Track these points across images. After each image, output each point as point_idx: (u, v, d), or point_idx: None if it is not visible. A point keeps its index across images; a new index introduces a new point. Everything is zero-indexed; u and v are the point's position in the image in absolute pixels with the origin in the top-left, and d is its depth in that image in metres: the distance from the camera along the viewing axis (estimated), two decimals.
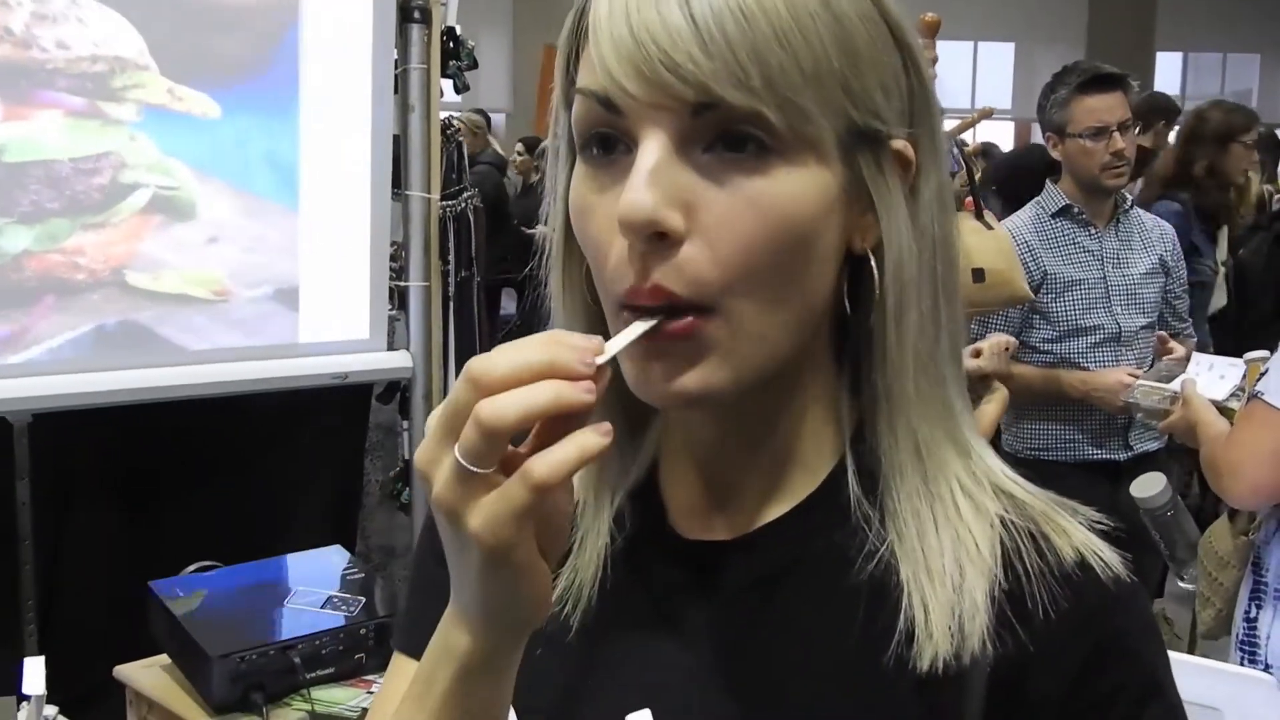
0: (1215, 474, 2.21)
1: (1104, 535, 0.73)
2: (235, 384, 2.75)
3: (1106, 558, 0.72)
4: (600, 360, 0.60)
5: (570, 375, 0.59)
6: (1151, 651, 0.73)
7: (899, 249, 0.71)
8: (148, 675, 2.25)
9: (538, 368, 0.58)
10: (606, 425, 0.59)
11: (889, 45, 0.69)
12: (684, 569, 0.77)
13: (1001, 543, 0.71)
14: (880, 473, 0.73)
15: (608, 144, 0.68)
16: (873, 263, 0.71)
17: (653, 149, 0.64)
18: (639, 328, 0.65)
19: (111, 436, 2.80)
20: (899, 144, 0.70)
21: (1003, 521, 0.72)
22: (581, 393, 0.58)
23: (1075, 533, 0.73)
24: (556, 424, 0.60)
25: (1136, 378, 2.85)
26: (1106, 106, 2.97)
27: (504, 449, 0.59)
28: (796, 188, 0.66)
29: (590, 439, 0.59)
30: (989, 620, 0.69)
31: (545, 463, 0.58)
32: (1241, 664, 2.19)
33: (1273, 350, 2.16)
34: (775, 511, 0.76)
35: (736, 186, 0.65)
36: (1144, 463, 2.97)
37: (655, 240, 0.64)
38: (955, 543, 0.71)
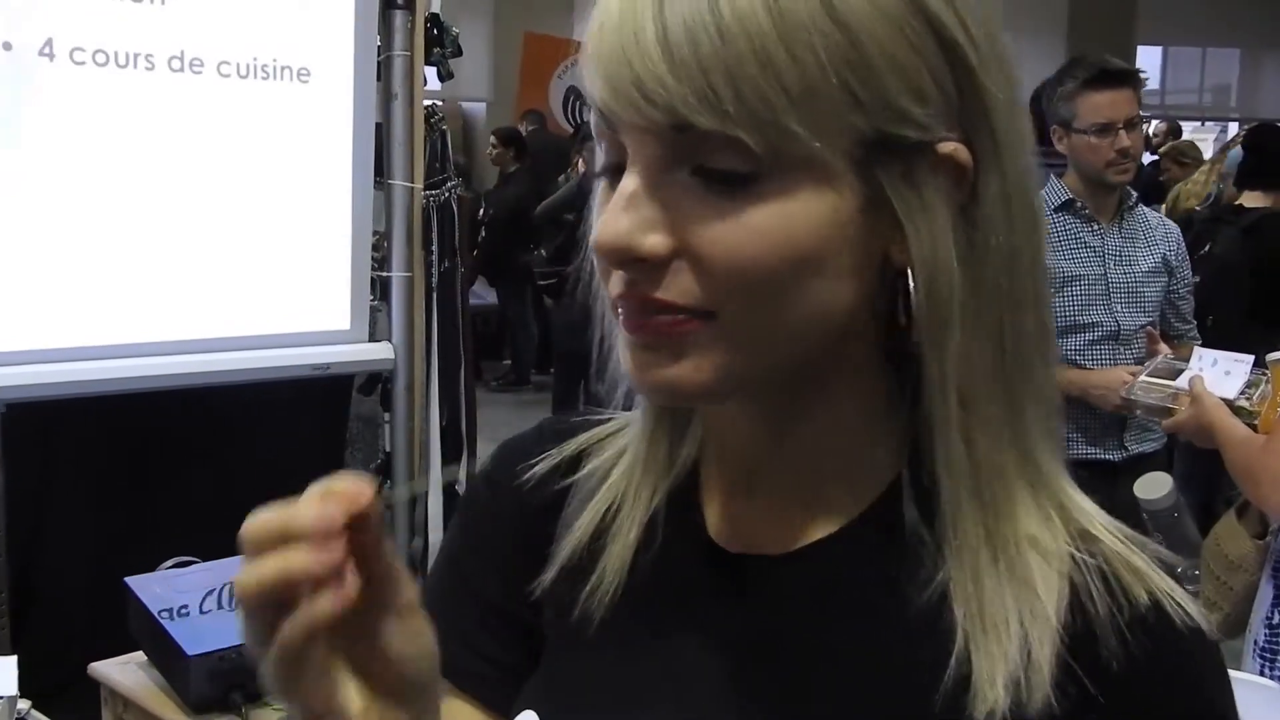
0: (1252, 482, 2.17)
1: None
2: (214, 375, 2.70)
3: (1182, 602, 0.67)
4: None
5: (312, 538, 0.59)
6: (1224, 702, 0.69)
7: (933, 264, 0.65)
8: (124, 673, 2.21)
9: (276, 534, 0.59)
10: (348, 590, 0.59)
11: (926, 43, 0.63)
12: (721, 580, 0.74)
13: (1071, 582, 0.67)
14: (937, 499, 0.68)
15: (613, 168, 0.67)
16: (910, 278, 0.66)
17: (635, 171, 0.63)
18: None
19: (88, 428, 2.76)
20: (948, 148, 0.65)
21: (1073, 559, 0.68)
22: (311, 564, 0.58)
23: (1150, 575, 0.68)
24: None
25: (1136, 375, 2.81)
26: (1114, 103, 2.93)
27: (264, 616, 0.60)
28: (791, 209, 0.62)
29: (320, 606, 0.59)
30: (1054, 670, 0.65)
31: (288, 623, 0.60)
32: (1260, 672, 2.16)
33: None
34: (821, 530, 0.72)
35: (723, 209, 0.62)
36: (1139, 464, 2.94)
37: (637, 265, 0.63)
38: (1018, 590, 0.66)
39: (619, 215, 0.63)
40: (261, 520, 0.60)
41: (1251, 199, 4.55)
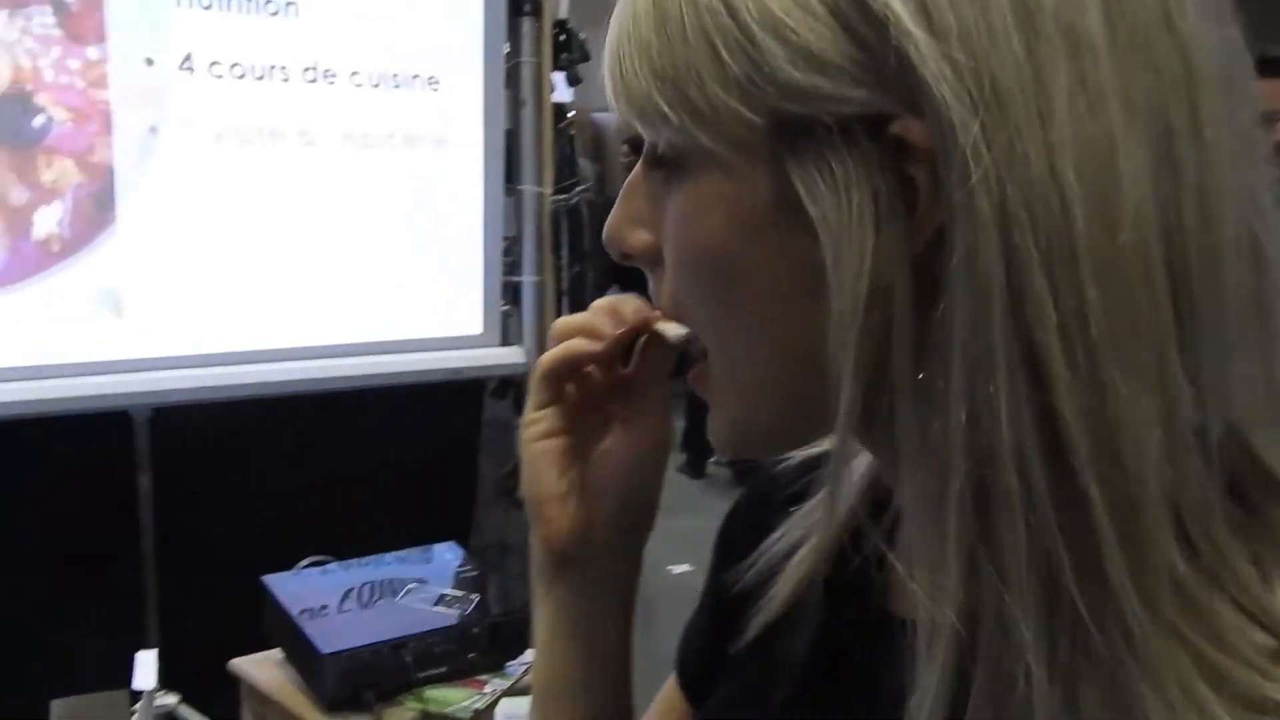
0: None
1: None
2: (350, 379, 2.76)
3: None
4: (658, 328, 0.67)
5: (595, 335, 0.69)
6: None
7: (839, 275, 0.50)
8: (262, 670, 2.25)
9: (577, 327, 0.70)
10: (602, 344, 0.68)
11: (836, 3, 0.49)
12: (862, 634, 0.65)
13: None
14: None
15: None
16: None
17: (640, 165, 0.60)
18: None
19: (227, 431, 2.83)
20: (898, 127, 0.49)
21: None
22: (588, 346, 0.69)
23: None
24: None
25: None
26: (1275, 91, 2.78)
27: (551, 385, 0.71)
28: (700, 203, 0.55)
29: (576, 342, 0.70)
30: None
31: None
32: None
33: None
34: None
35: (666, 205, 0.58)
36: None
37: (638, 261, 0.62)
38: None
39: (616, 208, 0.61)
40: (567, 318, 0.71)
41: None
